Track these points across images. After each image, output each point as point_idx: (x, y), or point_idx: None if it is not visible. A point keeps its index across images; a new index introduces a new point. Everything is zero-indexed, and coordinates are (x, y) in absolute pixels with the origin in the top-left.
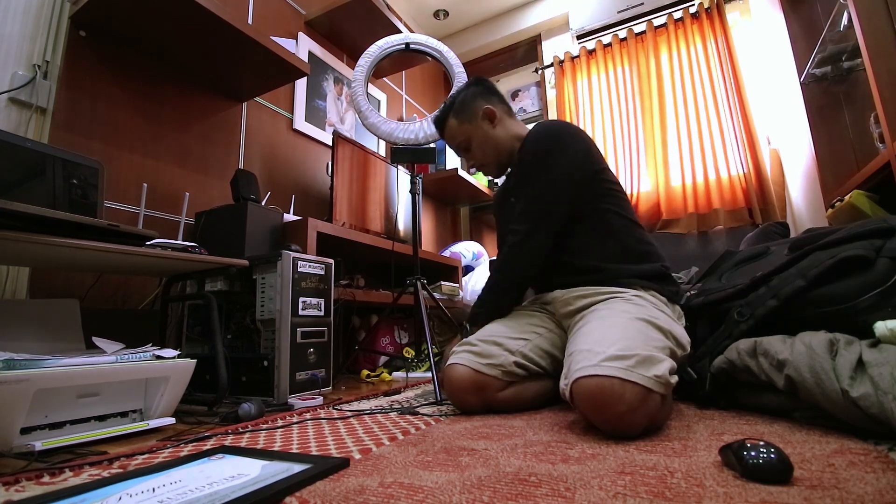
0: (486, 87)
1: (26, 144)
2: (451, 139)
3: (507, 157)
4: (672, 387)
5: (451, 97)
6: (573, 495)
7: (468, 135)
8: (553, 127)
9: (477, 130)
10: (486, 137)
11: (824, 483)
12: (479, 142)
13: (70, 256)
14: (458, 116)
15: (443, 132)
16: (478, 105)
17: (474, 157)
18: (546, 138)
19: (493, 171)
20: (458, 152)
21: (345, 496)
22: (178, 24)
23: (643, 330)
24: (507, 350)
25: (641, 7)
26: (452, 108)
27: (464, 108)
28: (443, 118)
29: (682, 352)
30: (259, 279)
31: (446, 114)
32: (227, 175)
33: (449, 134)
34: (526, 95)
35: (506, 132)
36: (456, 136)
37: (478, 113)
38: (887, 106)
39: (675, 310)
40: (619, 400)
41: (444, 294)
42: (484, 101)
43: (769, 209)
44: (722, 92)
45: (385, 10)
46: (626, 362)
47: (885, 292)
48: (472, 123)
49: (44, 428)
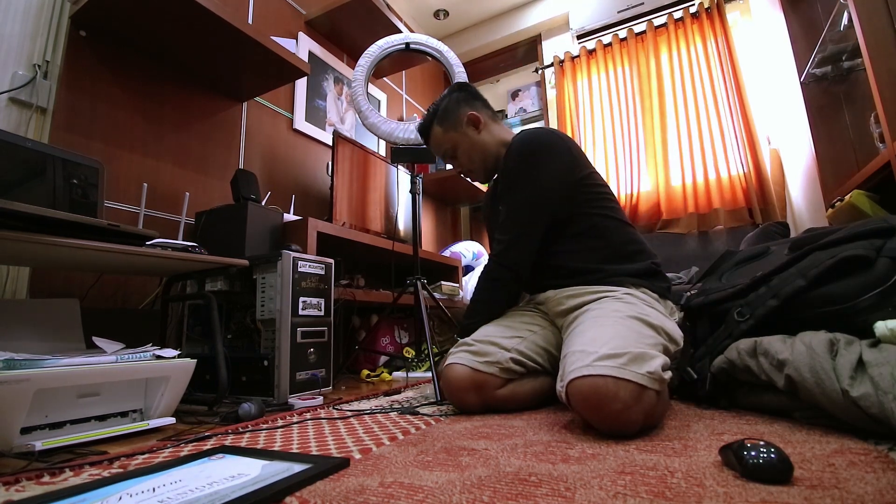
0: (469, 93)
1: (26, 144)
2: (437, 147)
3: (493, 162)
4: (666, 382)
5: (434, 105)
6: (573, 495)
7: (454, 142)
8: (537, 136)
9: (462, 137)
10: (471, 144)
11: (824, 483)
12: (466, 148)
13: (70, 256)
14: (443, 124)
15: (428, 140)
16: (462, 111)
17: (461, 163)
18: (529, 148)
19: (480, 176)
20: (445, 159)
21: (345, 496)
22: (179, 23)
23: (635, 327)
24: (502, 348)
25: (641, 7)
26: (436, 115)
27: (448, 115)
28: (427, 126)
29: (675, 347)
30: (259, 279)
31: (430, 122)
32: (227, 175)
33: (434, 142)
34: (526, 95)
35: (492, 137)
36: (441, 144)
37: (462, 119)
38: (887, 106)
39: (667, 305)
40: (613, 398)
41: (445, 294)
42: (468, 106)
43: (769, 209)
44: (722, 92)
45: (385, 10)
46: (618, 360)
47: (886, 292)
48: (458, 130)
49: (44, 428)
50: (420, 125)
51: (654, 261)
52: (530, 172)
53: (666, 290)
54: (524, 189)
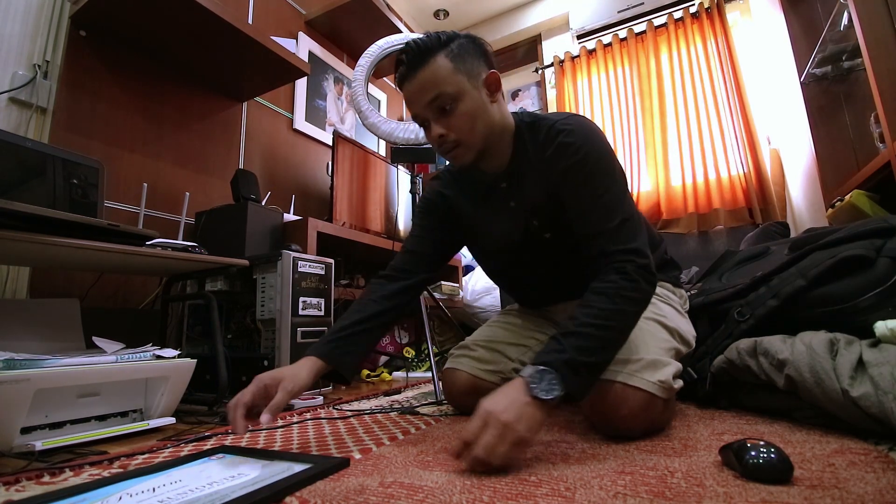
0: (488, 52)
1: (26, 144)
2: (431, 84)
3: (495, 142)
4: (675, 391)
5: (442, 34)
6: (573, 495)
7: (460, 89)
8: (594, 126)
9: (473, 92)
10: (481, 107)
11: (824, 483)
12: (471, 108)
13: (70, 256)
14: (456, 61)
15: (418, 68)
16: (482, 66)
17: (454, 126)
18: (599, 138)
19: (469, 154)
20: (426, 108)
21: (345, 496)
22: (179, 23)
23: (650, 330)
24: (506, 357)
25: (642, 7)
26: (447, 46)
27: (464, 56)
28: (429, 49)
29: (688, 349)
30: (259, 279)
31: (434, 46)
32: (227, 175)
33: (431, 76)
34: (526, 95)
35: (501, 115)
36: (442, 84)
37: (480, 74)
38: (887, 106)
39: (681, 295)
40: (621, 404)
41: (445, 294)
42: (487, 65)
43: (769, 209)
44: (722, 92)
45: (385, 10)
46: (630, 367)
47: (886, 292)
48: (471, 81)
49: (44, 428)
50: (416, 44)
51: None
52: (614, 162)
53: (678, 278)
54: (618, 178)
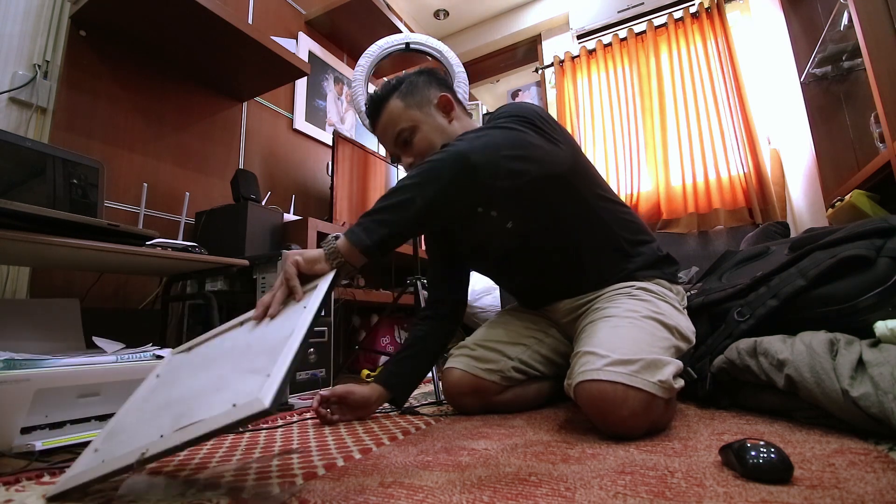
0: (438, 78)
1: (26, 144)
2: (390, 125)
3: None
4: (676, 391)
5: (394, 78)
6: (573, 495)
7: (414, 122)
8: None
9: (427, 119)
10: (437, 128)
11: (824, 483)
12: (428, 132)
13: (70, 256)
14: (406, 99)
15: (378, 116)
16: (431, 92)
17: (417, 150)
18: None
19: None
20: (394, 146)
21: (345, 496)
22: (179, 23)
23: (650, 329)
24: (505, 356)
25: (642, 7)
26: (397, 88)
27: (413, 92)
28: (382, 99)
29: (688, 345)
30: (259, 279)
31: (388, 94)
32: (227, 175)
33: (388, 119)
34: (526, 95)
35: (463, 129)
36: (398, 122)
37: (431, 100)
38: (887, 106)
39: (678, 291)
40: (622, 405)
41: None
42: (437, 89)
43: (769, 209)
44: (722, 92)
45: (385, 10)
46: (630, 367)
47: (886, 292)
48: (423, 111)
49: (44, 428)
50: (371, 97)
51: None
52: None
53: (675, 273)
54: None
